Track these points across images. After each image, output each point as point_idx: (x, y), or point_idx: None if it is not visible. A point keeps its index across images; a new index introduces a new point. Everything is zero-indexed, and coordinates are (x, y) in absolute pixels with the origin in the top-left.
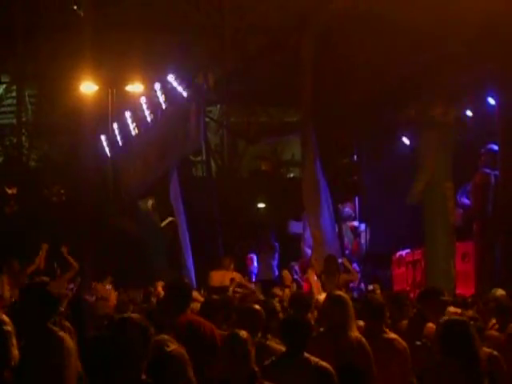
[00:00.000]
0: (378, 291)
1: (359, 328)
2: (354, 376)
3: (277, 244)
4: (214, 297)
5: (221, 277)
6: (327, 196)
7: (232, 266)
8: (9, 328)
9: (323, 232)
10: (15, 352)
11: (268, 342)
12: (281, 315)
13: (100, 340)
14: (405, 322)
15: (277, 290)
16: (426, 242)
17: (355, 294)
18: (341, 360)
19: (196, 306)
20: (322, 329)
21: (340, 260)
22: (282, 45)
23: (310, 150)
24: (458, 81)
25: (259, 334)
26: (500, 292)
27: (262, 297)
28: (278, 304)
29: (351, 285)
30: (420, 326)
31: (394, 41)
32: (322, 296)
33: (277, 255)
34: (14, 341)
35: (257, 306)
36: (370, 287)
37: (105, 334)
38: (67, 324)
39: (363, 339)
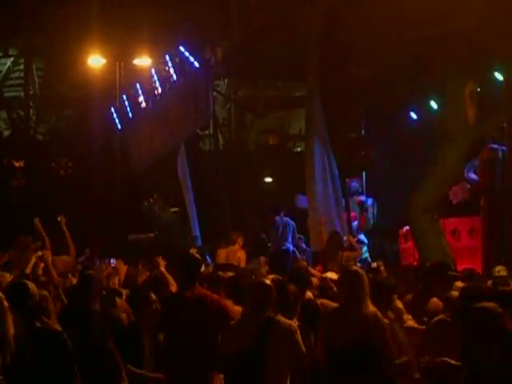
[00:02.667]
0: (382, 268)
1: None
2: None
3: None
4: (219, 273)
5: (226, 254)
6: (326, 171)
7: (239, 241)
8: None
9: (326, 207)
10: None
11: (278, 317)
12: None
13: None
14: (409, 297)
15: None
16: (412, 228)
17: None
18: (355, 335)
19: None
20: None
21: (344, 237)
22: (289, 19)
23: (315, 124)
24: (466, 56)
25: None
26: (498, 268)
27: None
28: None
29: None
30: (425, 300)
31: (402, 15)
32: (329, 274)
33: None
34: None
35: (268, 281)
36: (374, 265)
37: None
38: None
39: (379, 313)
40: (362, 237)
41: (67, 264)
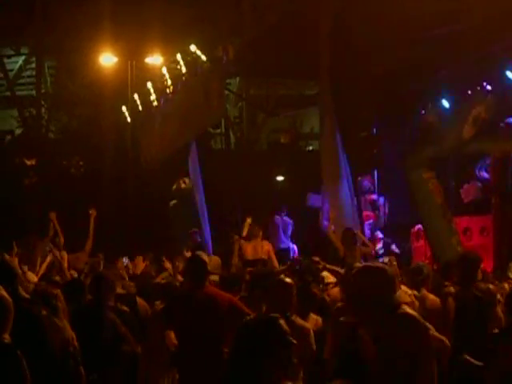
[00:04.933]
0: (394, 263)
1: None
2: None
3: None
4: (234, 272)
5: (253, 249)
6: (346, 169)
7: (261, 234)
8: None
9: (342, 205)
10: None
11: (293, 318)
12: None
13: None
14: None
15: None
16: (425, 228)
17: None
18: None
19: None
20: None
21: (355, 231)
22: (300, 17)
23: (329, 123)
24: (477, 55)
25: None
26: None
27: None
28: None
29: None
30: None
31: (411, 14)
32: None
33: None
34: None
35: (289, 280)
36: (386, 259)
37: None
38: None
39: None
40: (379, 233)
41: (79, 260)
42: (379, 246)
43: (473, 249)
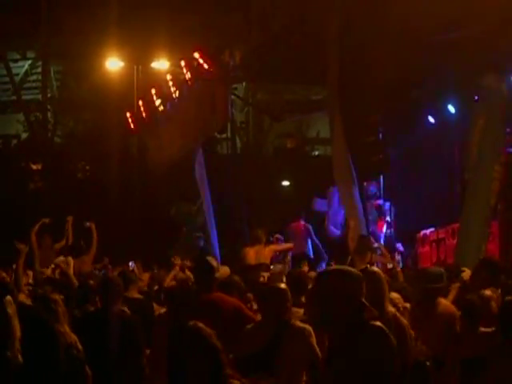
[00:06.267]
0: (398, 269)
1: None
2: None
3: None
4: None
5: (256, 253)
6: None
7: (265, 239)
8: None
9: (356, 210)
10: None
11: (292, 322)
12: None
13: None
14: None
15: None
16: (461, 221)
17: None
18: None
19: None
20: None
21: (376, 244)
22: (307, 21)
23: (339, 127)
24: (482, 60)
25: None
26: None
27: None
28: None
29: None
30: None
31: (419, 19)
32: None
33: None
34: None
35: (283, 285)
36: (390, 266)
37: None
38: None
39: (397, 313)
40: (399, 245)
41: (84, 263)
42: (398, 258)
43: None
